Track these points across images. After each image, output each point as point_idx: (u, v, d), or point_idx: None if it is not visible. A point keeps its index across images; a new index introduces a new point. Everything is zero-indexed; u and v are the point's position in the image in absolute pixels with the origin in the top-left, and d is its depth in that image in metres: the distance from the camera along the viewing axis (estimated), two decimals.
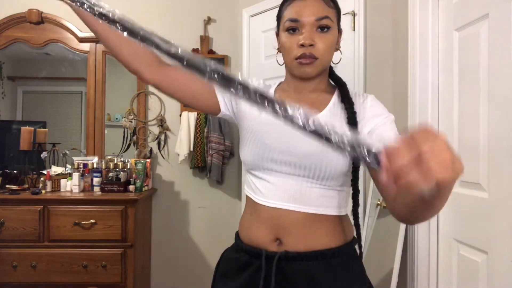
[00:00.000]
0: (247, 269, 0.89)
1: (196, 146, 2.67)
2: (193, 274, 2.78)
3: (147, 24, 2.69)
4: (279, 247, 0.87)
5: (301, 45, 0.86)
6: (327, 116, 0.89)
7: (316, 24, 0.87)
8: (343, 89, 0.93)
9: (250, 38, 2.65)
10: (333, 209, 0.88)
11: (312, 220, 0.86)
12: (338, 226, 0.89)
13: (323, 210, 0.87)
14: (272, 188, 0.88)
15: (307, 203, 0.86)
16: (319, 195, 0.87)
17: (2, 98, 2.79)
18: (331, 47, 0.90)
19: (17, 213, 2.19)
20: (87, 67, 2.72)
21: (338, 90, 0.95)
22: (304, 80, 0.93)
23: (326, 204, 0.87)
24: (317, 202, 0.86)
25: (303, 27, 0.87)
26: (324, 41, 0.87)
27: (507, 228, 1.21)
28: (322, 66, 0.90)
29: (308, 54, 0.86)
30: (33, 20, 2.66)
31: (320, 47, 0.87)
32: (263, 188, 0.90)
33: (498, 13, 1.26)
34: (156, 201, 2.78)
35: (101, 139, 2.73)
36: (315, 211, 0.86)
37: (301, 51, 0.87)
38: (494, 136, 1.27)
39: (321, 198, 0.87)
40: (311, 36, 0.86)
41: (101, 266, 2.18)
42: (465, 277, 1.43)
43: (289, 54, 0.90)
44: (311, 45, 0.86)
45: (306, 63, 0.87)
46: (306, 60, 0.87)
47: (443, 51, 1.56)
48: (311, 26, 0.87)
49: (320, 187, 0.86)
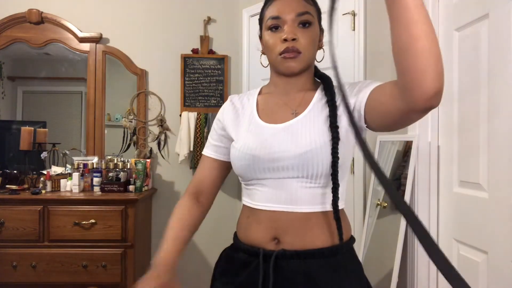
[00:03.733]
0: (246, 268, 0.90)
1: (196, 146, 2.67)
2: (193, 274, 2.78)
3: (147, 24, 2.68)
4: (276, 246, 0.88)
5: (284, 40, 0.88)
6: (310, 113, 0.91)
7: (297, 19, 0.89)
8: (327, 82, 0.94)
9: (250, 38, 2.65)
10: (329, 205, 0.88)
11: (309, 218, 0.87)
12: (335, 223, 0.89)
13: (319, 208, 0.88)
14: (268, 193, 0.90)
15: (302, 203, 0.87)
16: (314, 193, 0.87)
17: (2, 98, 2.79)
18: (314, 42, 0.92)
19: (17, 213, 2.19)
20: (87, 67, 2.72)
21: (322, 83, 0.96)
22: (290, 77, 0.94)
23: (322, 202, 0.88)
24: (312, 200, 0.87)
25: (284, 23, 0.90)
26: (306, 36, 0.89)
27: (507, 228, 1.21)
28: (305, 61, 0.91)
29: (291, 48, 0.88)
30: (33, 20, 2.66)
31: (302, 42, 0.89)
32: (258, 194, 0.91)
33: (498, 13, 1.26)
34: (156, 201, 2.79)
35: (101, 139, 2.73)
36: (311, 209, 0.87)
37: (285, 45, 0.89)
38: (494, 136, 1.27)
39: (316, 196, 0.87)
40: (293, 31, 0.89)
41: (101, 266, 2.18)
42: (465, 277, 1.41)
43: (273, 51, 0.91)
44: (293, 40, 0.88)
45: (290, 57, 0.89)
46: (290, 54, 0.89)
47: (443, 51, 1.56)
48: (292, 21, 0.89)
49: (314, 185, 0.87)
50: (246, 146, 0.91)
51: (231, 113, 1.01)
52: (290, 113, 0.93)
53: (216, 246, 2.68)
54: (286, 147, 0.87)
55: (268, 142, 0.89)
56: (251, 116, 0.97)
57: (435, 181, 1.58)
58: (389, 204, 1.75)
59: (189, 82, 2.77)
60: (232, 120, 1.00)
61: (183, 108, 2.75)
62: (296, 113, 0.92)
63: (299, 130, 0.88)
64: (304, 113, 0.91)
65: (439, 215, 1.57)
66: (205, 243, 2.79)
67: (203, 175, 1.04)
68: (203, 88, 2.78)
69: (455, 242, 1.49)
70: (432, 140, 1.58)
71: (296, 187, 0.87)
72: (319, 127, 0.88)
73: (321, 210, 0.88)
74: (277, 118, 0.93)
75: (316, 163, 0.85)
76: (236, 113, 1.01)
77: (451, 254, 1.50)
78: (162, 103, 2.79)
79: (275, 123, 0.92)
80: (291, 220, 0.87)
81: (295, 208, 0.87)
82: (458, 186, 1.47)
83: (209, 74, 2.78)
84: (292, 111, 0.93)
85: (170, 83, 2.79)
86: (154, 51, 2.78)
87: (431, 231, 1.58)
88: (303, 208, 0.87)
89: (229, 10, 2.82)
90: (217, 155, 1.03)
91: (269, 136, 0.90)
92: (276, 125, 0.92)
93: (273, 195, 0.89)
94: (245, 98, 1.03)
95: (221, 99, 2.79)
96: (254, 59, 2.62)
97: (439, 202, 1.57)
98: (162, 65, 2.79)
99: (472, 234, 1.39)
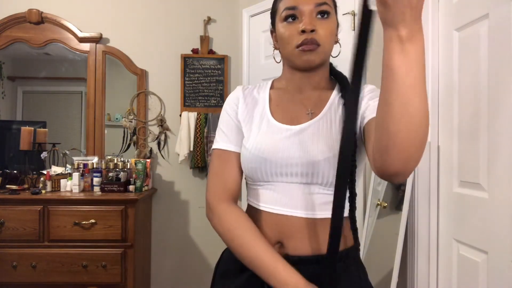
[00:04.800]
0: (247, 270, 0.88)
1: (196, 146, 2.67)
2: (193, 274, 2.78)
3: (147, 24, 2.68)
4: (280, 250, 0.85)
5: (302, 31, 0.83)
6: (326, 116, 0.88)
7: (315, 10, 0.85)
8: (343, 82, 0.91)
9: (250, 38, 2.65)
10: None
11: (316, 224, 0.84)
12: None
13: (327, 214, 0.83)
14: (275, 196, 0.86)
15: (312, 209, 0.84)
16: (323, 200, 0.84)
17: (2, 98, 2.79)
18: (332, 34, 0.87)
19: (17, 213, 2.19)
20: (87, 67, 2.72)
21: (338, 84, 0.92)
22: (307, 72, 0.90)
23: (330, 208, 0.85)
24: (322, 207, 0.84)
25: (302, 14, 0.85)
26: (325, 27, 0.85)
27: (507, 228, 1.21)
28: (324, 54, 0.87)
29: (310, 39, 0.83)
30: (33, 20, 2.66)
31: (321, 33, 0.84)
32: (264, 196, 0.88)
33: (498, 13, 1.26)
34: (156, 201, 2.78)
35: (101, 139, 2.73)
36: (320, 215, 0.84)
37: (303, 37, 0.84)
38: (494, 136, 1.27)
39: (326, 203, 0.84)
40: (311, 21, 0.84)
41: (101, 266, 2.18)
42: (465, 277, 1.43)
43: (289, 44, 0.86)
44: (312, 31, 0.83)
45: (308, 50, 0.84)
46: (308, 47, 0.84)
47: (443, 51, 1.56)
48: (310, 12, 0.84)
49: (324, 192, 0.84)
50: (257, 148, 0.86)
51: (243, 105, 0.94)
52: (305, 113, 0.89)
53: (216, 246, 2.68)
54: (299, 153, 0.83)
55: (281, 146, 0.84)
56: (263, 112, 0.92)
57: (435, 181, 1.58)
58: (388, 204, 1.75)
59: (189, 82, 2.77)
60: (244, 113, 0.93)
61: (183, 108, 2.75)
62: (312, 113, 0.88)
63: (314, 135, 0.85)
64: (320, 115, 0.88)
65: (439, 215, 1.57)
66: (205, 243, 2.79)
67: (234, 174, 0.91)
68: (203, 88, 2.78)
69: (455, 242, 1.48)
70: (432, 140, 1.58)
71: (305, 192, 0.84)
72: (335, 132, 0.84)
73: (329, 217, 0.84)
74: (291, 118, 0.89)
75: (328, 171, 0.81)
76: (247, 107, 0.94)
77: (451, 254, 1.50)
78: (162, 103, 2.79)
79: (289, 123, 0.88)
80: (298, 224, 0.84)
81: (302, 214, 0.84)
82: (458, 186, 1.47)
83: (209, 74, 2.78)
84: (308, 111, 0.89)
85: (170, 83, 2.78)
86: (154, 51, 2.78)
87: (431, 231, 1.58)
88: (312, 214, 0.84)
89: (229, 10, 2.82)
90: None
91: (282, 139, 0.86)
92: (290, 126, 0.87)
93: (280, 198, 0.85)
94: (255, 91, 0.97)
95: (221, 99, 2.78)
96: (254, 59, 2.62)
97: (439, 202, 1.57)
98: (162, 65, 2.79)
99: (472, 234, 1.39)
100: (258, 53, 2.59)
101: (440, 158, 1.57)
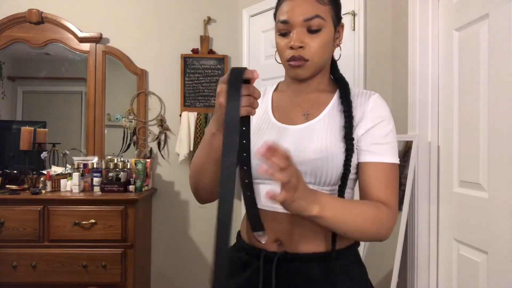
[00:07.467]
0: (247, 269, 0.89)
1: (196, 146, 2.67)
2: (193, 274, 2.78)
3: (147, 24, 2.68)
4: (279, 248, 0.86)
5: (290, 47, 0.85)
6: (324, 119, 0.89)
7: (305, 25, 0.85)
8: (344, 90, 0.91)
9: (250, 38, 2.65)
10: None
11: (313, 222, 0.84)
12: None
13: None
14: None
15: None
16: None
17: (2, 98, 2.79)
18: (324, 47, 0.87)
19: (17, 213, 2.19)
20: (87, 67, 2.72)
21: (339, 91, 0.93)
22: (300, 81, 0.92)
23: None
24: None
25: (292, 28, 0.86)
26: (315, 41, 0.85)
27: (507, 228, 1.21)
28: (314, 67, 0.88)
29: (297, 56, 0.85)
30: (33, 20, 2.66)
31: (311, 48, 0.85)
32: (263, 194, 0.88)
33: (498, 13, 1.26)
34: (156, 201, 2.78)
35: (101, 139, 2.73)
36: None
37: (291, 53, 0.86)
38: (494, 136, 1.27)
39: None
40: (300, 38, 0.85)
41: (101, 266, 2.18)
42: (465, 277, 1.43)
43: (282, 56, 0.89)
44: (300, 47, 0.85)
45: (296, 66, 0.86)
46: (296, 63, 0.86)
47: (443, 51, 1.56)
48: (300, 26, 0.85)
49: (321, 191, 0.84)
50: (255, 145, 0.88)
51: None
52: (301, 114, 0.91)
53: None
54: (294, 152, 0.83)
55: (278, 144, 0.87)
56: (264, 112, 0.95)
57: (435, 181, 1.58)
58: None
59: (189, 82, 2.77)
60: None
61: (183, 108, 2.75)
62: (307, 115, 0.90)
63: (313, 135, 0.86)
64: (319, 117, 0.89)
65: (439, 215, 1.57)
66: (205, 243, 2.79)
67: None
68: (203, 88, 2.78)
69: (455, 242, 1.49)
70: (432, 140, 1.58)
71: None
72: (334, 135, 0.86)
73: None
74: (289, 118, 0.92)
75: (325, 171, 0.83)
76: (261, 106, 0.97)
77: (451, 254, 1.50)
78: (162, 103, 2.79)
79: (287, 123, 0.91)
80: (296, 223, 0.85)
81: None
82: (458, 186, 1.47)
83: (209, 74, 2.78)
84: (304, 112, 0.91)
85: (170, 83, 2.78)
86: (154, 51, 2.78)
87: (431, 231, 1.58)
88: None
89: (229, 10, 2.82)
90: None
91: (279, 138, 0.88)
92: (288, 126, 0.90)
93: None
94: (266, 92, 1.01)
95: None
96: (254, 59, 2.62)
97: (439, 202, 1.57)
98: (162, 65, 2.79)
99: (472, 234, 1.39)
100: (258, 53, 2.59)
101: (440, 158, 1.57)
